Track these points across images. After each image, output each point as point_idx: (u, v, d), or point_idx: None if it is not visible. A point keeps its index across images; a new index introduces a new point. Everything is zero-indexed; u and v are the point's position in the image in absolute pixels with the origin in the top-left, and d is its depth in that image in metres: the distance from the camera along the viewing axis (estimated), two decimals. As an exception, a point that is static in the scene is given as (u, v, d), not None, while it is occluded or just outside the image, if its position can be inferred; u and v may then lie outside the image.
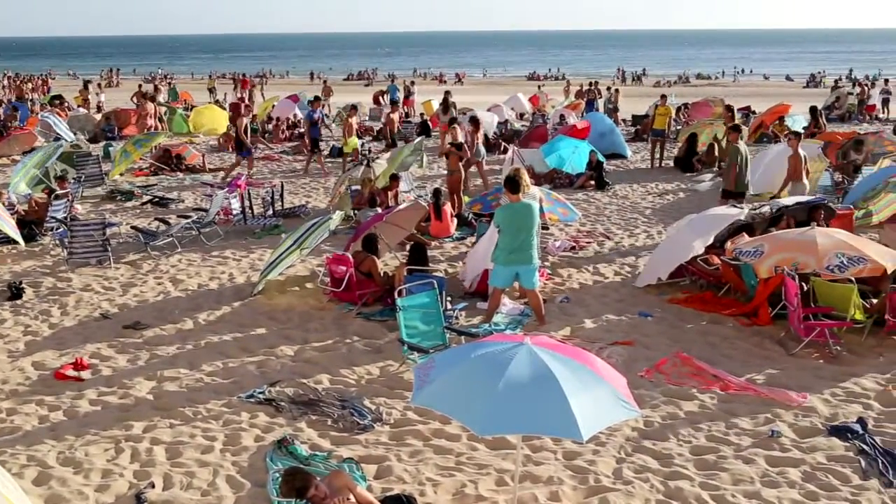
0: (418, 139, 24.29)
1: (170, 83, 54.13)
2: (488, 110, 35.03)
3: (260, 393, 9.66)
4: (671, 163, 25.71)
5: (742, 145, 17.47)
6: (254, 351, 11.04)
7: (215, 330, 11.85)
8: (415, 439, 8.69)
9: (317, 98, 27.37)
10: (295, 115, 34.69)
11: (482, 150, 21.80)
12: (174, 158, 25.73)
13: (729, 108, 25.68)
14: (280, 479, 6.82)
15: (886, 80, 53.70)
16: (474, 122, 21.65)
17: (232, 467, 8.12)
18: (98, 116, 35.86)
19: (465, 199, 18.92)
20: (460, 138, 20.00)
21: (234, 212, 17.62)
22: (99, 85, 53.01)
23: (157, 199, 20.77)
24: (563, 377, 6.37)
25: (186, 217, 17.29)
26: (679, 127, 30.66)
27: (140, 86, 43.77)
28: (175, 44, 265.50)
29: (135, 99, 36.36)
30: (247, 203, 18.00)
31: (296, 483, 6.50)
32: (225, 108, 39.31)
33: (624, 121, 37.04)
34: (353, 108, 27.83)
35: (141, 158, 25.43)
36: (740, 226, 13.68)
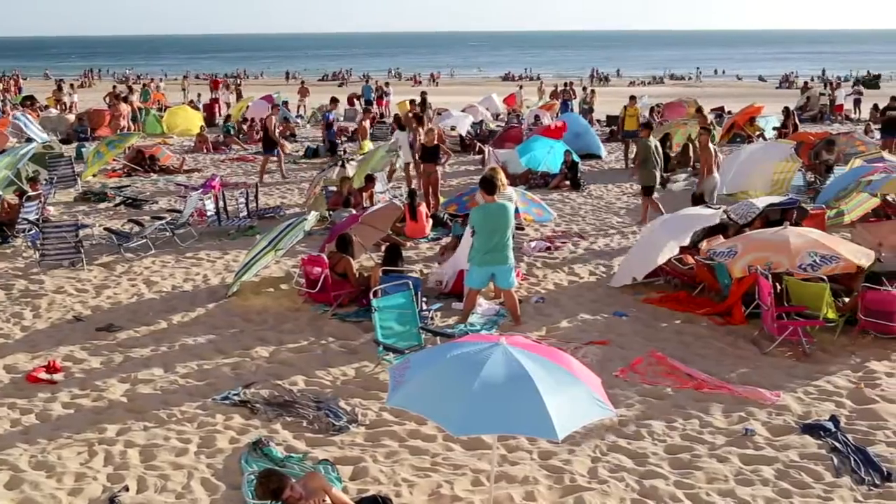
0: (393, 140, 24.28)
1: (144, 84, 53.74)
2: (463, 111, 35.11)
3: (235, 395, 9.61)
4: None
5: (652, 140, 18.34)
6: (228, 352, 10.98)
7: (189, 331, 11.78)
8: (390, 440, 8.68)
9: (334, 99, 27.09)
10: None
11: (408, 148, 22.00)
12: (148, 159, 25.57)
13: (699, 110, 25.90)
14: (255, 481, 6.79)
15: (857, 81, 54.29)
16: (418, 120, 21.95)
17: (207, 470, 8.07)
18: (71, 117, 35.59)
19: (441, 199, 18.94)
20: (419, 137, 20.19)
21: (209, 213, 17.54)
22: (72, 85, 52.51)
23: (130, 201, 20.64)
24: (538, 377, 6.39)
25: (160, 218, 17.18)
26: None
27: (114, 87, 43.47)
28: (155, 44, 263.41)
29: (108, 99, 36.14)
30: (221, 204, 17.92)
31: (271, 485, 6.47)
32: (199, 109, 39.16)
33: (599, 121, 37.19)
34: (367, 111, 27.66)
35: (114, 159, 25.28)
36: (715, 226, 13.77)
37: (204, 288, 13.77)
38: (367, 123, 31.59)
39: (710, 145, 18.39)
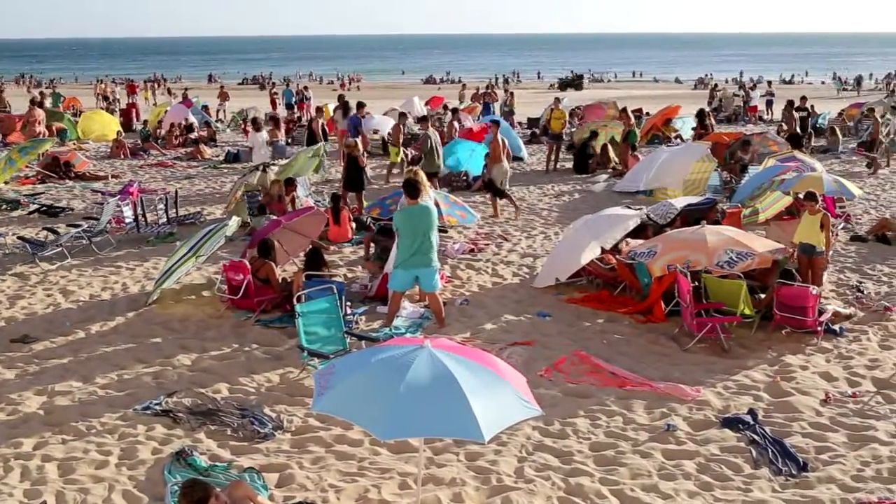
0: (318, 144, 24.14)
1: (54, 88, 52.44)
2: (384, 114, 35.05)
3: (156, 404, 9.44)
4: (566, 165, 26.12)
5: (433, 133, 20.70)
6: (149, 362, 10.79)
7: (109, 341, 11.54)
8: (316, 446, 8.63)
9: (360, 104, 27.08)
10: (186, 120, 33.96)
11: (284, 146, 23.11)
12: (63, 166, 24.96)
13: (624, 111, 26.30)
14: (179, 491, 6.66)
15: (770, 83, 55.75)
16: (275, 121, 22.42)
17: (128, 482, 7.91)
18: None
19: (365, 203, 18.88)
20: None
21: (127, 220, 17.22)
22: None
23: (45, 208, 20.11)
24: (463, 379, 6.41)
25: (77, 226, 16.75)
26: (573, 129, 31.14)
27: (30, 91, 42.35)
28: (77, 47, 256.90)
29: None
30: (140, 211, 17.59)
31: (195, 495, 6.36)
32: (115, 114, 38.40)
33: (520, 123, 37.48)
34: (403, 115, 27.52)
35: (27, 166, 24.61)
36: (636, 227, 13.98)
37: (123, 296, 13.50)
38: (318, 127, 31.28)
39: (499, 136, 20.34)
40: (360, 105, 26.76)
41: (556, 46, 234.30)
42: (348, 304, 12.19)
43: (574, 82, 71.62)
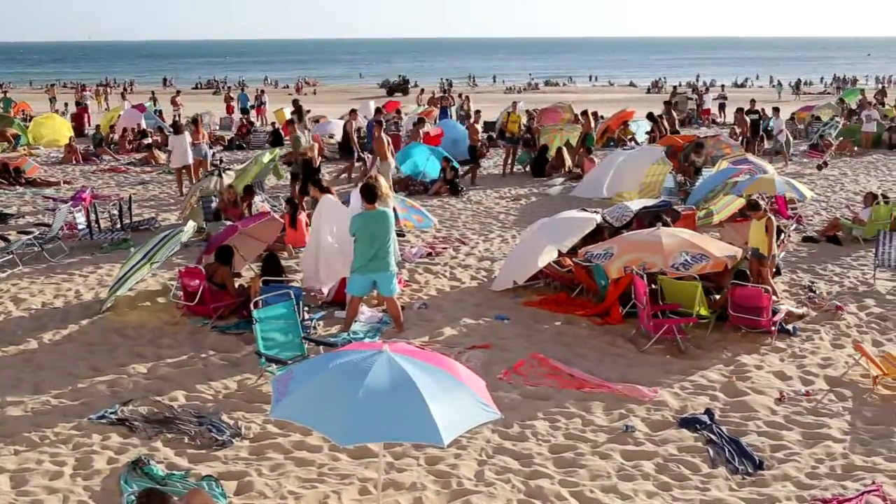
0: (275, 149, 24.03)
1: (4, 93, 51.65)
2: (341, 118, 34.94)
3: (112, 413, 9.32)
4: (522, 168, 26.22)
5: (301, 133, 20.60)
6: (104, 370, 10.64)
7: (62, 350, 11.37)
8: (275, 452, 8.56)
9: (378, 109, 27.23)
10: (140, 125, 33.59)
11: (204, 149, 23.44)
12: (12, 172, 24.55)
13: (584, 113, 26.49)
14: (135, 501, 6.57)
15: (723, 87, 56.49)
16: (195, 123, 23.91)
17: (84, 492, 7.80)
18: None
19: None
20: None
21: (80, 226, 16.98)
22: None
23: (-6, 215, 19.79)
24: (422, 383, 6.41)
25: (27, 233, 16.50)
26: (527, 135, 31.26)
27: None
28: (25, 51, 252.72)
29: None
30: (93, 217, 17.37)
31: (152, 504, 6.29)
32: (66, 118, 37.89)
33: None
34: (421, 121, 27.53)
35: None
36: (593, 230, 14.06)
37: (76, 304, 13.32)
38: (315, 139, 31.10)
39: (383, 135, 20.78)
40: (378, 110, 27.09)
41: (515, 50, 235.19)
42: (306, 309, 12.13)
43: (400, 86, 71.02)
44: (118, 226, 17.80)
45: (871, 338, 11.78)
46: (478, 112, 29.33)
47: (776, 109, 30.13)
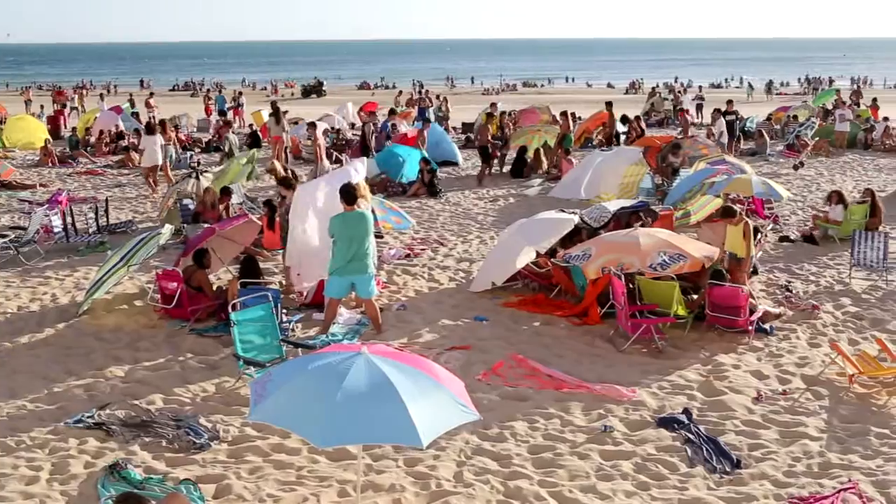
0: (252, 151, 23.95)
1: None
2: (319, 120, 34.87)
3: (89, 417, 9.26)
4: (500, 169, 26.23)
5: (233, 136, 22.14)
6: (81, 374, 10.57)
7: (38, 354, 11.28)
8: (254, 455, 8.54)
9: (392, 111, 27.39)
10: (117, 127, 33.37)
11: (171, 150, 23.99)
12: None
13: (563, 114, 26.58)
14: (112, 505, 6.56)
15: (700, 87, 56.79)
16: (162, 125, 24.84)
17: (60, 497, 7.75)
18: None
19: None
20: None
21: (56, 229, 16.86)
22: None
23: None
24: (400, 385, 6.41)
25: (3, 236, 16.37)
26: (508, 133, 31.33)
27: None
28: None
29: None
30: (69, 220, 17.24)
31: (129, 509, 6.25)
32: (41, 120, 37.61)
33: (454, 128, 37.55)
34: (428, 122, 27.66)
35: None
36: (571, 231, 14.10)
37: (52, 308, 13.22)
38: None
39: (319, 136, 23.03)
40: (392, 112, 27.25)
41: (493, 52, 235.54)
42: (284, 311, 12.10)
43: (316, 89, 71.13)
44: (95, 229, 17.69)
45: (848, 336, 11.87)
46: (491, 115, 29.09)
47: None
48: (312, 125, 26.20)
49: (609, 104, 32.50)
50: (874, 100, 41.37)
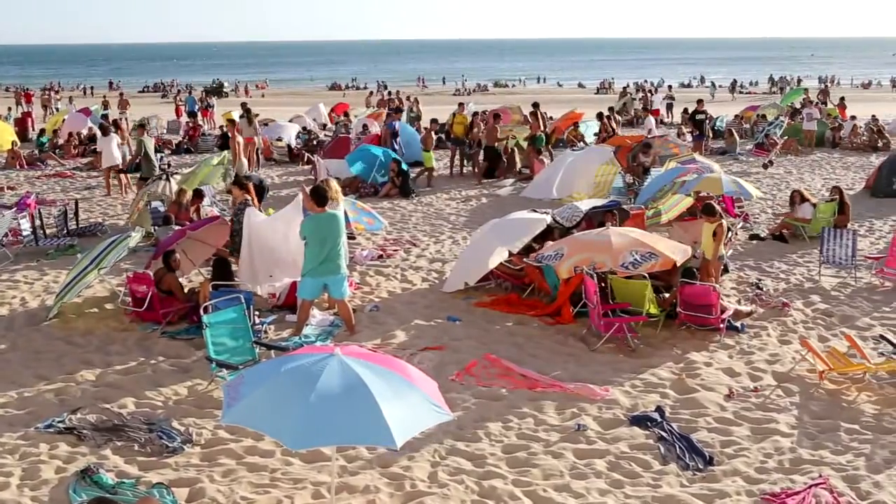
0: (222, 153, 23.84)
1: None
2: (290, 121, 34.80)
3: (59, 422, 9.17)
4: (474, 169, 26.25)
5: (149, 139, 21.70)
6: (51, 378, 10.46)
7: (7, 358, 11.16)
8: (227, 458, 8.49)
9: (398, 110, 27.25)
10: (90, 129, 33.07)
11: (124, 150, 24.08)
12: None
13: (533, 114, 26.61)
14: (84, 510, 6.51)
15: (670, 87, 57.13)
16: (116, 125, 25.87)
17: (31, 503, 7.66)
18: None
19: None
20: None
21: (24, 232, 16.68)
22: None
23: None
24: (374, 386, 6.41)
25: (-30, 240, 16.21)
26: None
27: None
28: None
29: None
30: (38, 223, 17.07)
31: (102, 513, 6.21)
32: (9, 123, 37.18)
33: (426, 129, 37.46)
34: (434, 122, 27.59)
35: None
36: (543, 230, 14.14)
37: (22, 312, 13.09)
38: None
39: (238, 137, 24.00)
40: (398, 110, 27.20)
41: (465, 53, 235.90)
42: (256, 313, 12.04)
43: (216, 90, 70.79)
44: (64, 232, 17.52)
45: (817, 333, 11.99)
46: (497, 116, 29.21)
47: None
48: (231, 122, 26.79)
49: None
50: (842, 99, 41.88)
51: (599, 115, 30.64)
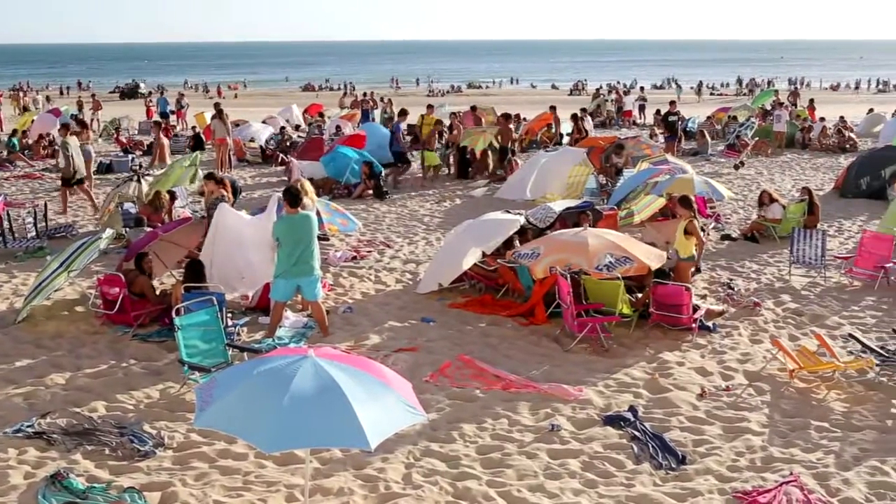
0: (196, 154, 23.69)
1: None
2: (263, 122, 34.66)
3: (28, 426, 9.06)
4: (445, 170, 26.26)
5: (73, 140, 20.73)
6: (20, 382, 10.34)
7: (-25, 362, 11.03)
8: (200, 462, 8.43)
9: (403, 111, 27.10)
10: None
11: (89, 149, 23.68)
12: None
13: (506, 117, 26.66)
14: (54, 515, 6.44)
15: (642, 88, 57.46)
16: (80, 124, 25.55)
17: (0, 508, 7.59)
18: None
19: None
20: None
21: (-8, 235, 16.50)
22: None
23: None
24: (348, 387, 6.39)
25: (-63, 243, 16.01)
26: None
27: None
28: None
29: None
30: (6, 224, 16.88)
31: (72, 518, 6.15)
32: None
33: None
34: (439, 123, 27.46)
35: None
36: (517, 231, 14.15)
37: (-10, 315, 12.95)
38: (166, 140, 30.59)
39: (163, 139, 25.81)
40: (403, 112, 27.19)
41: (443, 53, 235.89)
42: (229, 315, 11.97)
43: (132, 92, 71.43)
44: (33, 233, 17.33)
45: (788, 332, 12.09)
46: (516, 115, 28.95)
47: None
48: (157, 125, 27.57)
49: (553, 107, 32.92)
50: (811, 100, 42.29)
51: (574, 116, 30.74)
